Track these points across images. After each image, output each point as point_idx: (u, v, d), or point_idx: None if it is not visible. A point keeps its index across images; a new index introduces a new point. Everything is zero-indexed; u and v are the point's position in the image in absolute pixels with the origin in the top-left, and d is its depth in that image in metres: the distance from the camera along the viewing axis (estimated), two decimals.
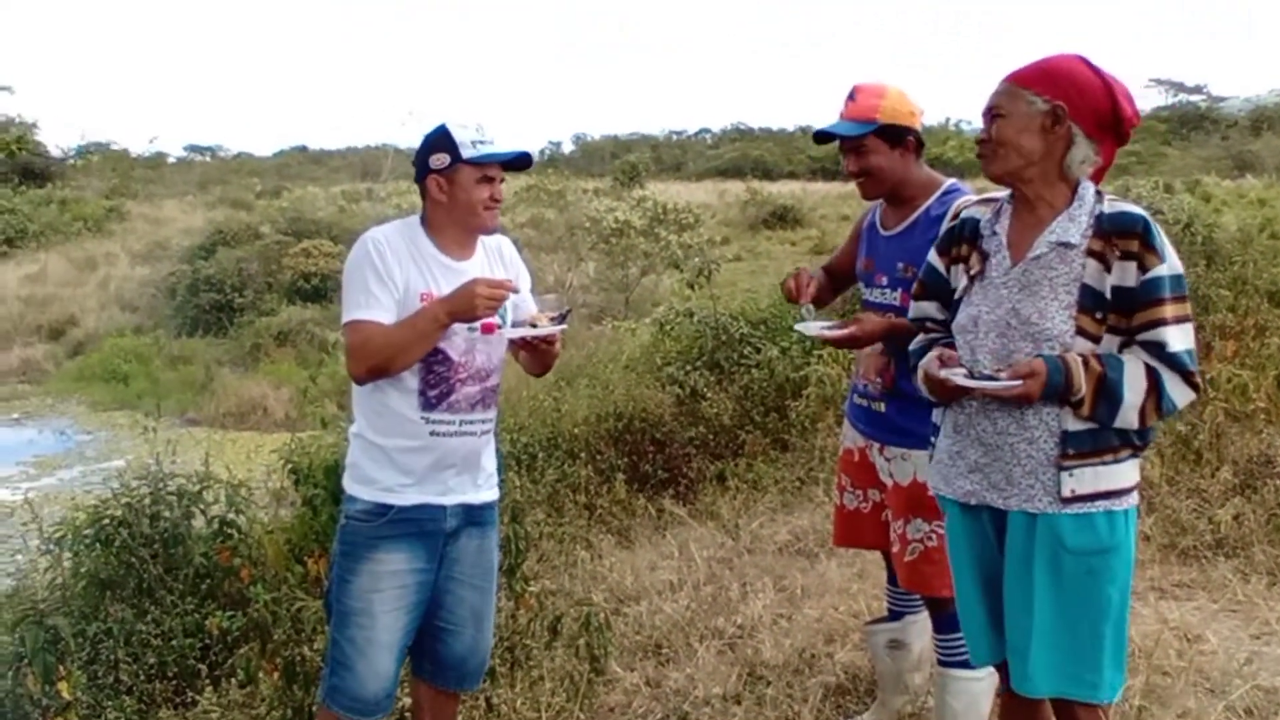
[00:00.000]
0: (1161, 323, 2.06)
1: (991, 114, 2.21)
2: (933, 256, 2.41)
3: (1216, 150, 53.70)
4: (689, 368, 7.34)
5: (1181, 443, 4.54)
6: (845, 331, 2.72)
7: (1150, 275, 2.06)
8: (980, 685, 2.78)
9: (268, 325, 18.31)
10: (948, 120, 52.12)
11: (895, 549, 2.86)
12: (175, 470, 4.60)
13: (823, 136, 2.89)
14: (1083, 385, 2.06)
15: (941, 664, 2.83)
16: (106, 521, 4.23)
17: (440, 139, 2.52)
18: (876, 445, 2.91)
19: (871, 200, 2.97)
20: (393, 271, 2.48)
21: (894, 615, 3.10)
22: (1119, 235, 2.09)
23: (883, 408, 2.87)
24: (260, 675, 3.42)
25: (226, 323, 19.35)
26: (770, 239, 27.29)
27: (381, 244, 2.51)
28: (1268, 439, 4.60)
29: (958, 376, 2.15)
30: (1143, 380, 2.06)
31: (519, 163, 2.59)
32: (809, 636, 3.67)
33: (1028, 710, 2.29)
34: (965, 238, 2.32)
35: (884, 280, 2.87)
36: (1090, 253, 2.11)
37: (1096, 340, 2.10)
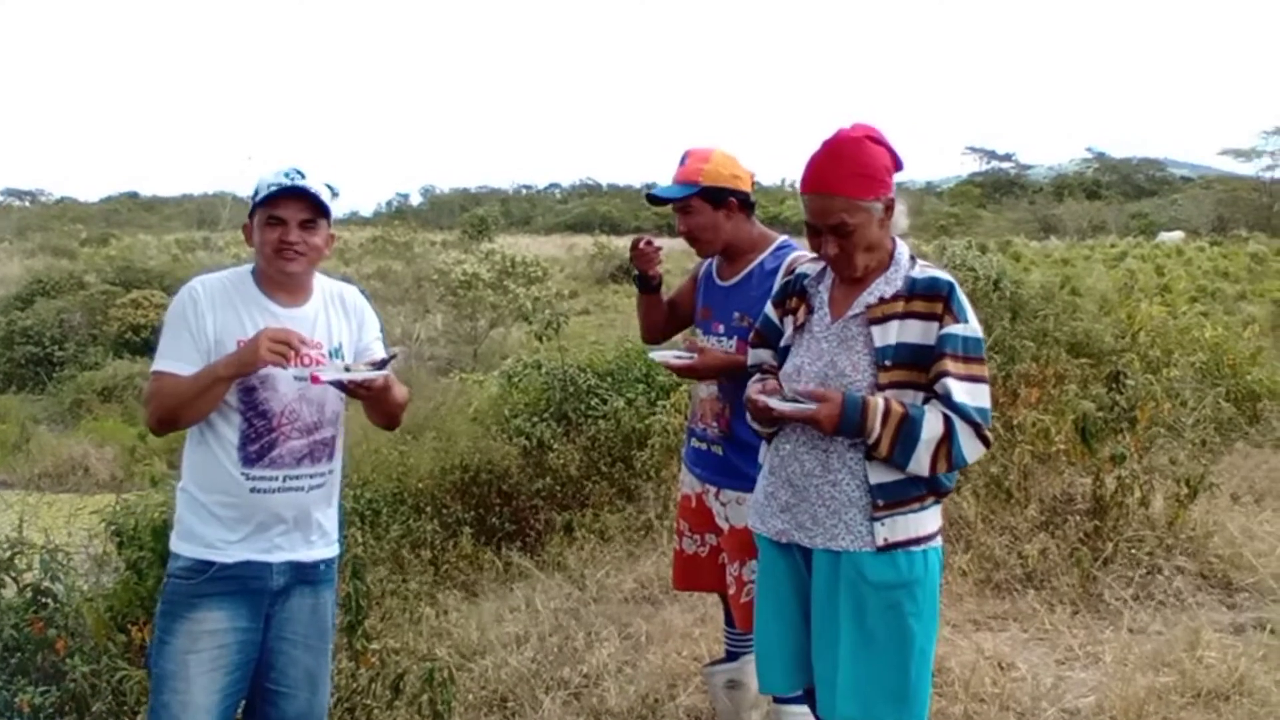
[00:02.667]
0: (947, 374, 2.22)
1: (835, 230, 2.29)
2: (769, 308, 2.58)
3: (1025, 214, 58.00)
4: (536, 419, 7.37)
5: (994, 483, 4.88)
6: (686, 361, 2.89)
7: (945, 332, 2.25)
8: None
9: (91, 380, 17.35)
10: (783, 181, 54.32)
11: (732, 591, 2.98)
12: None
13: (654, 199, 3.06)
14: (878, 426, 2.20)
15: (776, 701, 2.96)
16: None
17: (255, 188, 2.52)
18: (713, 489, 3.04)
19: (706, 256, 3.14)
20: (204, 322, 2.46)
21: (731, 656, 3.22)
22: (925, 298, 2.28)
23: (720, 451, 3.01)
24: None
25: (45, 377, 18.21)
26: (618, 293, 27.68)
27: (197, 292, 2.49)
28: (1069, 478, 5.00)
29: (767, 398, 2.29)
30: (939, 427, 2.21)
31: (307, 198, 2.47)
32: (652, 682, 3.74)
33: None
34: (795, 292, 2.49)
35: (721, 329, 3.03)
36: (883, 309, 2.30)
37: (881, 389, 2.26)
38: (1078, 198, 63.94)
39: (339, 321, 2.64)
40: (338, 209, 2.62)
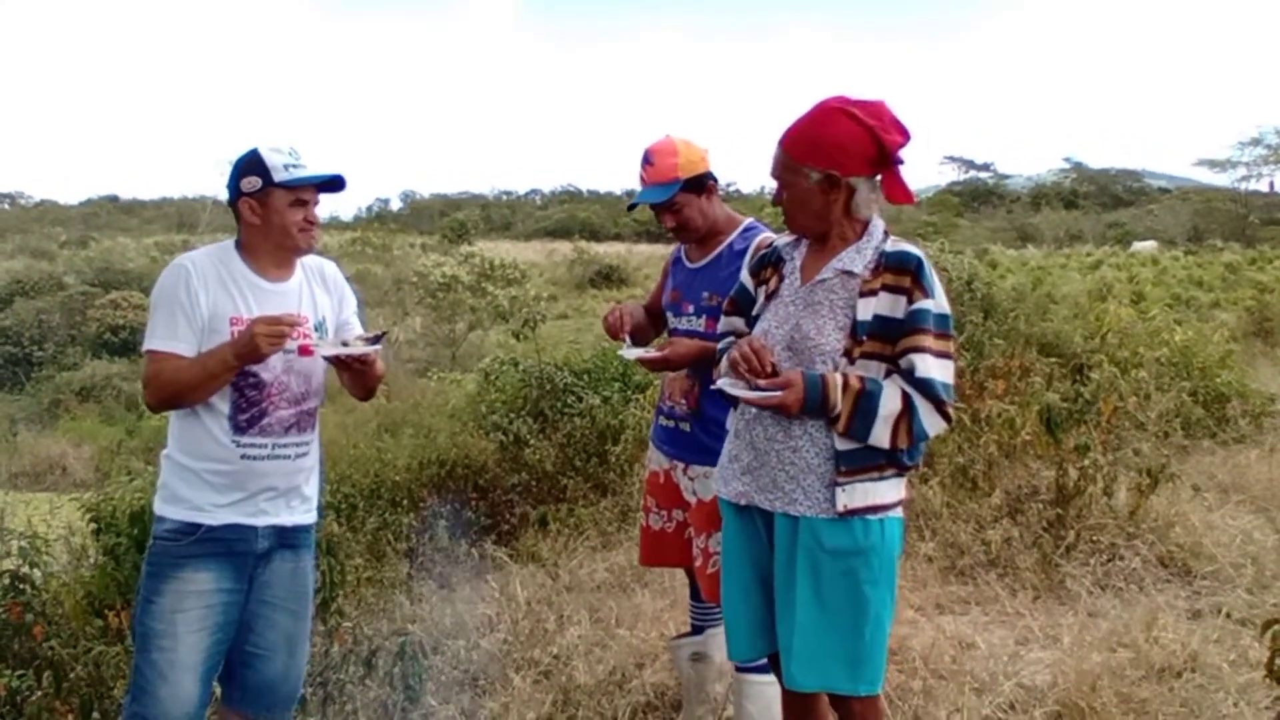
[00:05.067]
0: (919, 349, 2.27)
1: (777, 180, 2.41)
2: (744, 276, 2.65)
3: (1002, 223, 58.63)
4: (513, 416, 7.43)
5: (960, 472, 4.98)
6: (659, 354, 2.95)
7: (916, 307, 2.29)
8: (775, 689, 2.96)
9: (69, 380, 17.30)
10: (763, 189, 54.57)
11: (698, 563, 3.05)
12: None
13: (636, 207, 3.13)
14: (839, 402, 2.25)
15: (739, 670, 3.02)
16: None
17: (251, 162, 2.56)
18: (681, 465, 3.11)
19: (690, 242, 3.19)
20: (198, 300, 2.49)
21: (696, 630, 3.29)
22: (894, 271, 2.33)
23: (688, 428, 3.07)
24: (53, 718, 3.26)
25: (23, 378, 18.13)
26: (596, 297, 27.85)
27: (189, 270, 2.52)
28: (1034, 469, 5.10)
29: (727, 384, 2.36)
30: (897, 402, 2.26)
31: (332, 185, 2.63)
32: (621, 660, 3.80)
33: (803, 705, 2.49)
34: (771, 262, 2.56)
35: (690, 309, 3.09)
36: (868, 283, 2.34)
37: (852, 360, 2.31)
38: (1055, 207, 64.63)
39: (322, 296, 2.72)
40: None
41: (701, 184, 3.03)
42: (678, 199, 3.01)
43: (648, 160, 3.04)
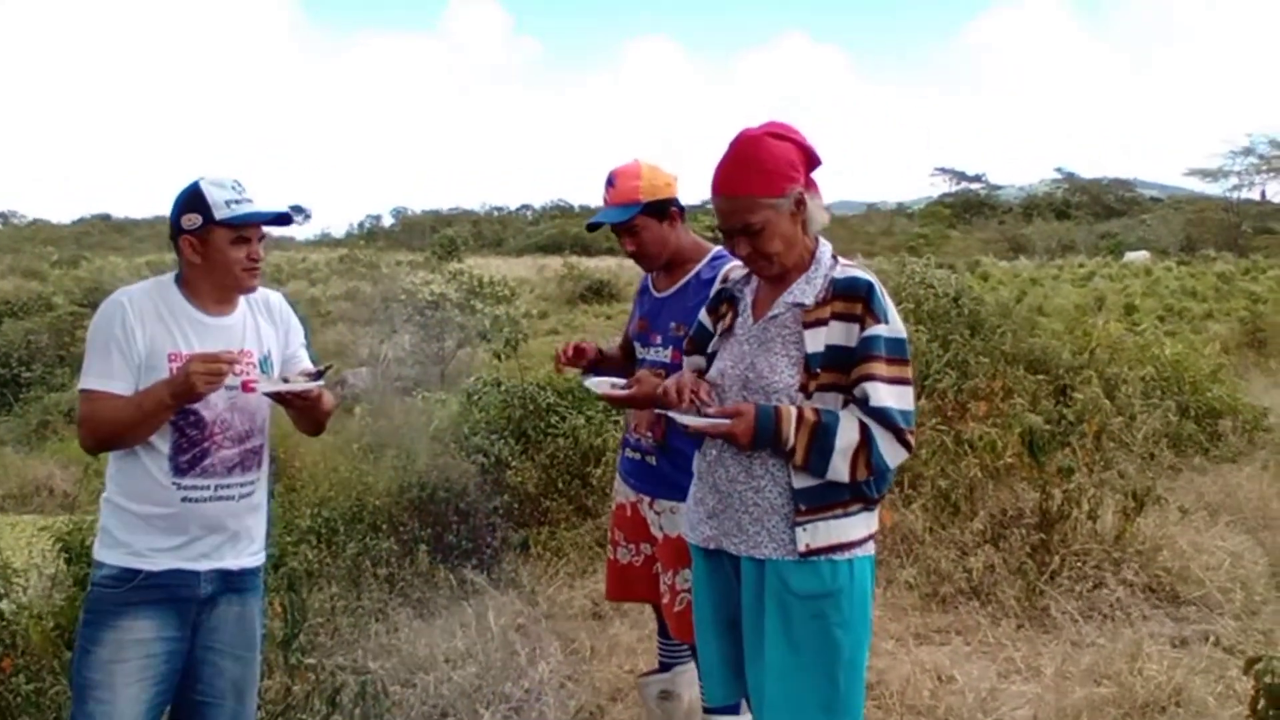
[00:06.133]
0: (871, 377, 2.18)
1: (744, 231, 2.27)
2: (703, 315, 2.57)
3: (994, 234, 58.77)
4: (495, 437, 7.33)
5: (941, 496, 4.89)
6: (625, 392, 2.85)
7: (868, 334, 2.21)
8: None
9: (57, 401, 17.15)
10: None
11: (665, 600, 2.96)
12: None
13: (597, 225, 3.05)
14: (792, 435, 2.17)
15: (707, 711, 2.93)
16: None
17: (192, 198, 2.45)
18: (647, 499, 3.02)
19: (652, 270, 3.12)
20: (134, 335, 2.40)
21: (664, 667, 3.20)
22: (845, 298, 2.24)
23: (654, 461, 3.00)
24: None
25: (11, 398, 18.01)
26: (587, 313, 27.78)
27: (125, 306, 2.42)
28: (1017, 492, 5.01)
29: (680, 415, 2.27)
30: (855, 434, 2.17)
31: (280, 221, 2.54)
32: (593, 696, 3.71)
33: None
34: (727, 298, 2.49)
35: (658, 339, 3.02)
36: (815, 313, 2.26)
37: (809, 395, 2.23)
38: (1047, 218, 64.82)
39: (267, 328, 2.62)
40: (309, 230, 2.61)
41: (664, 209, 2.96)
42: (637, 221, 2.95)
43: (610, 181, 2.99)
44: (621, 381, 2.92)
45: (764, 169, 2.25)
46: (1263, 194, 63.46)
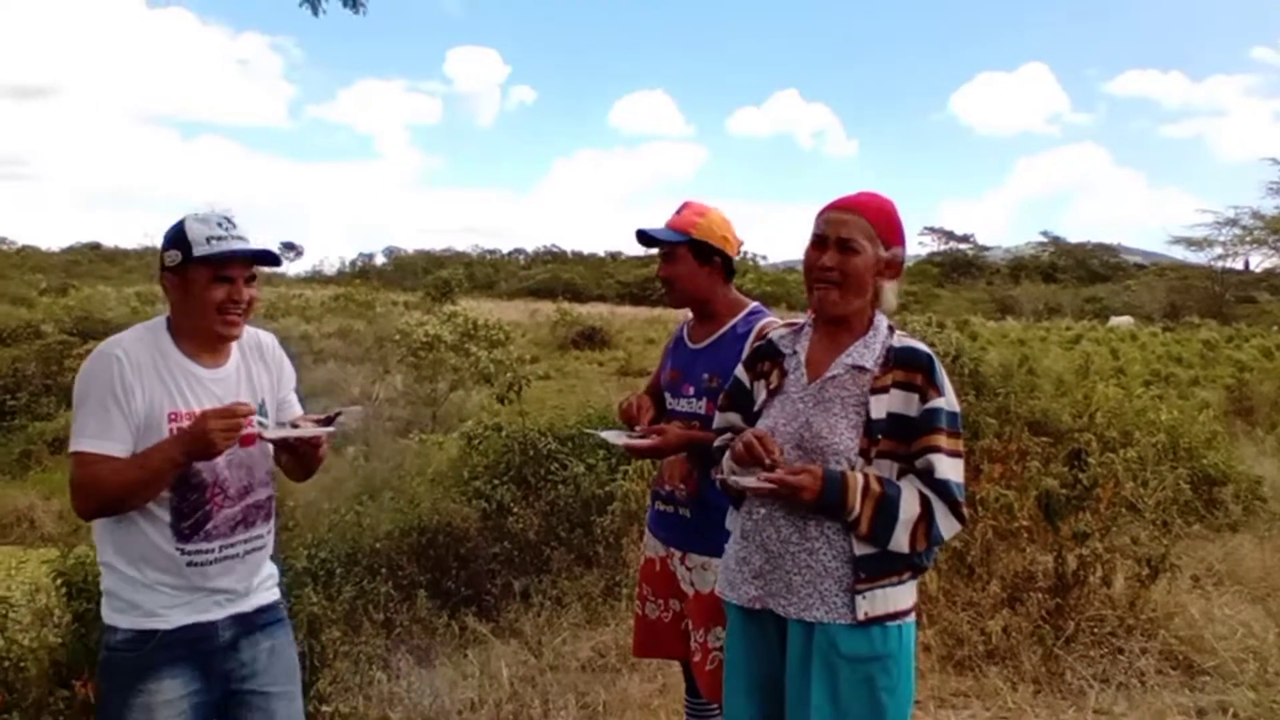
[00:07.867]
0: (935, 449, 2.21)
1: (841, 245, 2.29)
2: (739, 371, 2.55)
3: (982, 294, 59.43)
4: (496, 482, 7.28)
5: (956, 559, 4.86)
6: (649, 441, 2.82)
7: (930, 406, 2.23)
8: None
9: (42, 430, 16.91)
10: (745, 253, 55.22)
11: (696, 658, 2.91)
12: None
13: (643, 236, 3.04)
14: (857, 504, 2.17)
15: None
16: None
17: (175, 234, 2.31)
18: (678, 554, 2.98)
19: (676, 307, 3.11)
20: (133, 394, 2.24)
21: None
22: (905, 368, 2.27)
23: (688, 514, 2.95)
24: None
25: None
26: (579, 358, 27.73)
27: (121, 360, 2.26)
28: (1030, 555, 4.99)
29: (734, 476, 2.26)
30: (916, 507, 2.20)
31: (265, 259, 2.38)
32: None
33: None
34: (768, 355, 2.48)
35: (691, 390, 2.99)
36: (879, 380, 2.27)
37: (869, 460, 2.24)
38: (1034, 280, 65.48)
39: (261, 374, 2.50)
40: (300, 266, 2.52)
41: (708, 253, 2.96)
42: (678, 251, 2.95)
43: (679, 209, 3.02)
44: (637, 431, 2.90)
45: (890, 218, 2.34)
46: (1246, 264, 64.35)
